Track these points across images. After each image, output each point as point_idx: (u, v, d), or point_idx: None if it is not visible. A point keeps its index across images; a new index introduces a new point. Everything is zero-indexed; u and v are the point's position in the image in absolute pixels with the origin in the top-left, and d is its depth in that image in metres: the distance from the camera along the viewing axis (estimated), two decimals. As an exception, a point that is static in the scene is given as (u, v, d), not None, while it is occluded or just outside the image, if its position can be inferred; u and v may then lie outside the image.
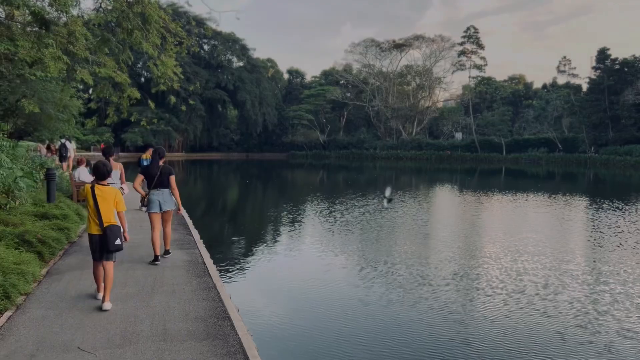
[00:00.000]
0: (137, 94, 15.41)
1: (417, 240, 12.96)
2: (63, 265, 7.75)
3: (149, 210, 8.15)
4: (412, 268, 9.81)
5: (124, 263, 7.87)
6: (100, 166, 5.96)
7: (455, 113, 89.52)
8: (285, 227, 14.99)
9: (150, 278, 7.08)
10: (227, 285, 7.53)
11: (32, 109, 14.02)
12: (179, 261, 8.17)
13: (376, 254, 11.11)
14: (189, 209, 16.69)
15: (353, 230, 14.21)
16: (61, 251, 8.67)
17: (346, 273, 9.43)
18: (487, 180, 38.34)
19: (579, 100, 69.94)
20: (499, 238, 13.11)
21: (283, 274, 9.53)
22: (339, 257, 10.73)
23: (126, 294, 6.32)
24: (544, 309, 7.47)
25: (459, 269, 9.76)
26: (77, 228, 10.35)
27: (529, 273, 9.46)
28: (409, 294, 8.11)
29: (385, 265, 10.00)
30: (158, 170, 8.10)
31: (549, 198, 23.26)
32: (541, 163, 66.60)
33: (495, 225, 15.60)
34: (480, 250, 11.64)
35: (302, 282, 8.87)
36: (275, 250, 11.55)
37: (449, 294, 8.23)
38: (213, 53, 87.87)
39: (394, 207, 19.29)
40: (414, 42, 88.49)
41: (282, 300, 7.79)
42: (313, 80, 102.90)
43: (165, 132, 79.33)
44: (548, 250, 11.46)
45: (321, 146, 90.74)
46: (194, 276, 7.25)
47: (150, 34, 14.80)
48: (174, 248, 9.14)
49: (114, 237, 5.82)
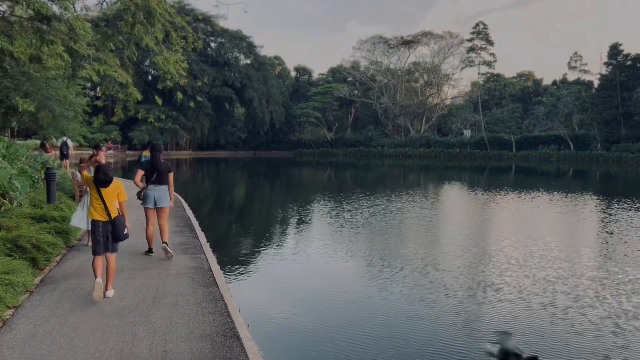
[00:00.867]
0: (138, 95, 14.88)
1: (429, 242, 12.31)
2: (59, 272, 7.20)
3: (144, 205, 8.24)
4: (428, 274, 9.19)
5: (124, 270, 7.31)
6: (101, 176, 5.95)
7: (464, 110, 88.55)
8: (295, 229, 14.38)
9: (152, 288, 6.50)
10: (235, 295, 6.91)
11: (26, 108, 13.47)
12: (184, 268, 7.59)
13: (392, 258, 10.48)
14: (195, 208, 16.14)
15: (363, 231, 13.59)
16: (58, 256, 8.12)
17: (363, 280, 8.81)
18: (498, 178, 37.56)
19: (590, 96, 68.80)
20: (520, 242, 12.39)
21: (295, 281, 8.84)
22: (353, 262, 10.11)
23: (125, 307, 5.74)
24: (584, 325, 6.82)
25: (476, 275, 9.12)
26: (77, 231, 9.80)
27: (556, 281, 8.80)
28: (428, 303, 7.49)
29: (405, 271, 9.39)
30: (159, 166, 8.13)
31: (565, 197, 22.51)
32: (552, 160, 65.72)
33: (513, 227, 14.89)
34: (501, 254, 10.97)
35: (316, 292, 8.12)
36: (285, 254, 10.80)
37: (462, 301, 7.66)
38: (220, 51, 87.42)
39: (403, 208, 18.65)
40: (423, 39, 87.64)
41: (296, 313, 7.12)
42: (320, 77, 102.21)
43: (172, 130, 78.99)
44: (574, 256, 10.77)
45: (328, 144, 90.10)
46: (199, 285, 6.66)
47: (154, 28, 14.30)
48: (178, 253, 8.58)
49: (122, 227, 6.08)
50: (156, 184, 8.16)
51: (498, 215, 17.13)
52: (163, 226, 8.29)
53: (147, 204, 8.19)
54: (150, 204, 8.17)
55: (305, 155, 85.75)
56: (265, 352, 5.24)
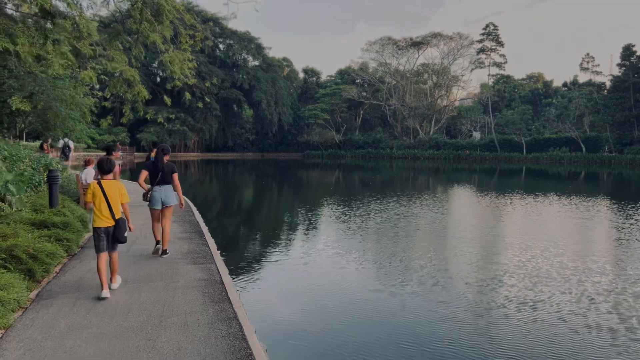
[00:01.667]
0: (145, 93, 14.34)
1: (447, 250, 11.60)
2: (57, 285, 6.61)
3: (151, 207, 8.33)
4: (449, 286, 8.52)
5: (128, 283, 6.71)
6: (104, 162, 6.44)
7: (474, 112, 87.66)
8: (308, 235, 13.73)
9: (158, 305, 5.90)
10: (250, 312, 6.28)
11: (21, 108, 12.93)
12: (193, 280, 6.98)
13: (413, 269, 9.83)
14: (204, 212, 15.56)
15: (379, 239, 12.93)
16: (58, 266, 7.55)
17: (394, 298, 8.17)
18: (511, 181, 36.73)
19: (603, 98, 67.73)
20: (549, 252, 11.66)
21: (312, 295, 8.00)
22: (373, 273, 9.43)
23: (128, 329, 5.13)
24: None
25: (505, 290, 8.44)
26: (79, 238, 9.22)
27: (595, 298, 8.10)
28: (447, 316, 6.84)
29: (427, 284, 8.73)
30: (162, 166, 8.24)
31: (586, 201, 21.71)
32: (563, 163, 64.78)
33: (538, 235, 14.14)
34: (529, 265, 10.27)
35: (338, 307, 7.34)
36: (299, 263, 9.96)
37: (474, 306, 7.12)
38: (228, 52, 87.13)
39: (417, 213, 17.97)
40: (432, 40, 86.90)
41: (315, 331, 6.48)
42: (328, 79, 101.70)
43: (180, 131, 78.73)
44: (610, 268, 10.05)
45: (337, 146, 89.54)
46: (210, 301, 6.04)
47: (162, 26, 13.81)
48: (187, 262, 7.99)
49: (124, 229, 6.35)
50: (161, 185, 8.29)
51: (519, 222, 16.40)
52: (165, 226, 8.39)
53: (155, 206, 8.28)
54: (158, 206, 8.27)
55: (313, 157, 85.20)
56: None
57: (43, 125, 23.36)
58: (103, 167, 6.42)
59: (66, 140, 21.71)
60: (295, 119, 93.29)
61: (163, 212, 8.37)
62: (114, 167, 6.56)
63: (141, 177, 8.28)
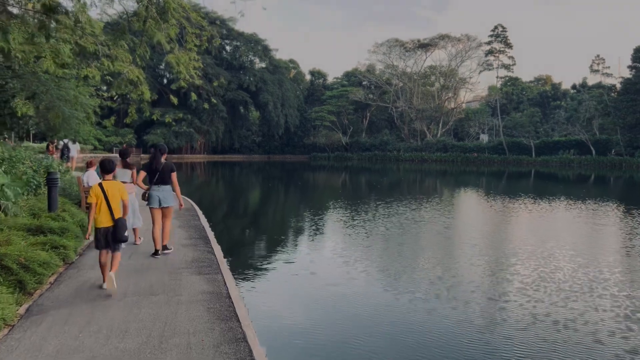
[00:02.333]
0: (148, 93, 13.89)
1: (465, 260, 11.01)
2: (49, 299, 6.09)
3: (149, 205, 8.42)
4: (470, 300, 7.96)
5: (127, 296, 6.19)
6: (106, 162, 6.74)
7: (482, 114, 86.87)
8: (319, 242, 13.14)
9: (159, 322, 5.36)
10: (259, 330, 5.73)
11: (25, 111, 12.46)
12: (198, 293, 6.45)
13: (433, 282, 9.25)
14: (210, 215, 15.06)
15: (400, 247, 12.37)
16: (53, 276, 7.04)
17: (417, 312, 7.61)
18: (522, 185, 36.04)
19: (613, 100, 66.79)
20: (577, 264, 11.04)
21: (327, 308, 7.31)
22: (395, 286, 8.89)
23: (124, 352, 4.60)
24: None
25: (533, 306, 7.86)
26: (78, 244, 8.72)
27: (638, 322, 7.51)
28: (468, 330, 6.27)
29: (444, 298, 8.16)
30: (160, 166, 8.33)
31: (605, 207, 21.01)
32: (573, 166, 63.98)
33: (560, 244, 13.51)
34: (557, 278, 9.65)
35: (356, 323, 6.70)
36: (313, 273, 9.31)
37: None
38: (235, 54, 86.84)
39: (430, 218, 17.38)
40: (440, 42, 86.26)
41: (331, 351, 5.89)
42: (335, 81, 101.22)
43: (187, 133, 78.43)
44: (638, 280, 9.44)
45: (343, 148, 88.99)
46: (216, 319, 5.50)
47: (168, 24, 13.37)
48: (191, 272, 7.47)
49: (123, 229, 6.44)
50: (159, 184, 8.38)
51: (537, 228, 15.76)
52: (165, 227, 8.52)
53: (152, 205, 8.39)
54: (155, 204, 8.38)
55: (319, 159, 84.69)
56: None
57: (46, 127, 22.95)
58: (105, 167, 6.66)
59: (66, 141, 21.29)
60: (302, 121, 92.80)
61: (163, 213, 8.47)
62: (115, 168, 6.83)
63: (140, 177, 8.44)
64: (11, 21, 11.30)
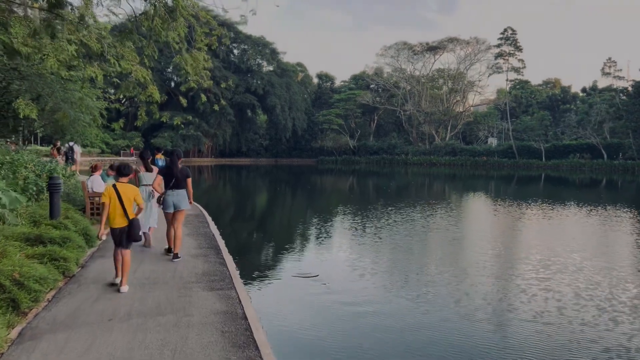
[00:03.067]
0: (157, 95, 13.38)
1: (474, 265, 10.31)
2: (45, 320, 5.48)
3: (164, 210, 8.63)
4: (496, 317, 7.30)
5: (132, 317, 5.58)
6: (122, 167, 7.07)
7: (491, 118, 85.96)
8: (334, 251, 12.45)
9: (167, 350, 4.75)
10: (281, 358, 5.08)
11: (28, 113, 11.91)
12: (210, 313, 5.82)
13: (452, 293, 8.58)
14: (219, 221, 14.46)
15: (423, 258, 11.70)
16: (52, 292, 6.44)
17: (441, 331, 6.94)
18: (534, 189, 35.23)
19: (625, 103, 65.70)
20: (614, 277, 10.36)
21: (350, 327, 6.62)
22: (428, 304, 8.22)
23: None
24: None
25: (542, 316, 7.20)
26: (80, 255, 8.13)
27: None
28: None
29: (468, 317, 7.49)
30: (177, 171, 8.50)
31: (627, 212, 20.20)
32: (584, 170, 63.01)
33: (590, 255, 12.79)
34: (586, 294, 8.95)
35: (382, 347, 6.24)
36: (327, 290, 8.48)
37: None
38: (243, 57, 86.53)
39: (448, 226, 16.69)
40: (448, 45, 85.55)
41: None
42: (343, 84, 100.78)
43: (194, 136, 78.11)
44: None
45: (351, 151, 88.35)
46: (231, 346, 4.87)
47: (176, 22, 12.84)
48: (202, 287, 6.88)
49: (138, 229, 6.77)
50: (174, 189, 8.52)
51: (562, 237, 15.01)
52: (178, 230, 8.63)
53: (167, 209, 8.57)
54: (170, 209, 8.55)
55: (327, 162, 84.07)
56: None
57: (51, 129, 22.46)
58: (121, 171, 7.03)
59: (71, 144, 20.85)
60: (309, 125, 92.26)
61: (175, 216, 8.60)
62: (130, 173, 7.08)
63: (157, 182, 8.71)
64: (12, 15, 10.79)
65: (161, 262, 8.31)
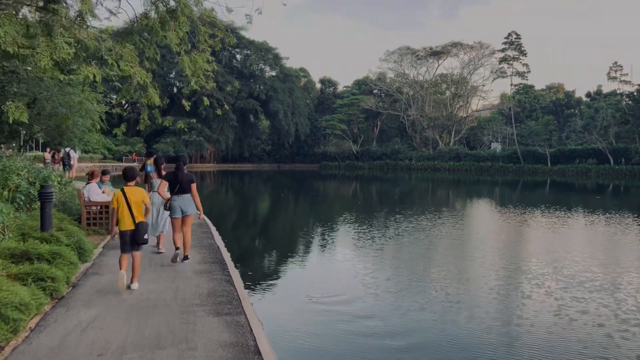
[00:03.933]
0: (157, 98, 12.72)
1: (490, 278, 9.53)
2: (25, 354, 4.70)
3: (172, 216, 8.68)
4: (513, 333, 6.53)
5: (126, 351, 4.81)
6: (128, 171, 7.18)
7: (495, 123, 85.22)
8: (346, 264, 11.64)
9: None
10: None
11: (18, 117, 11.17)
12: (217, 345, 5.03)
13: (469, 307, 7.81)
14: (222, 230, 13.70)
15: (446, 281, 10.92)
16: (36, 318, 5.64)
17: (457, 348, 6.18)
18: (543, 195, 34.43)
19: (631, 108, 64.90)
20: None
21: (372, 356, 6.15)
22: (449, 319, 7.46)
23: None
24: None
25: (565, 334, 6.43)
26: (72, 272, 7.36)
27: None
28: None
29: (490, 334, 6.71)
30: (183, 177, 8.57)
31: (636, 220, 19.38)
32: (590, 175, 62.25)
33: (602, 260, 12.00)
34: (611, 309, 8.18)
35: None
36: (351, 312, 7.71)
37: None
38: (246, 62, 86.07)
39: (460, 236, 15.90)
40: (452, 49, 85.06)
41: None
42: (345, 89, 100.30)
43: (197, 142, 77.57)
44: None
45: (354, 157, 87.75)
46: (243, 391, 4.08)
47: (178, 22, 12.20)
48: (207, 311, 6.11)
49: (144, 232, 6.87)
50: (179, 194, 8.58)
51: (579, 246, 14.22)
52: (186, 234, 8.74)
53: (175, 215, 8.61)
54: (178, 214, 8.60)
55: (330, 168, 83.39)
56: None
57: (50, 134, 21.74)
58: (127, 175, 7.11)
59: (67, 149, 20.20)
60: (312, 130, 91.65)
61: (183, 220, 8.66)
62: (137, 176, 7.24)
63: (161, 187, 8.70)
64: (2, 12, 10.10)
65: (162, 279, 7.54)
